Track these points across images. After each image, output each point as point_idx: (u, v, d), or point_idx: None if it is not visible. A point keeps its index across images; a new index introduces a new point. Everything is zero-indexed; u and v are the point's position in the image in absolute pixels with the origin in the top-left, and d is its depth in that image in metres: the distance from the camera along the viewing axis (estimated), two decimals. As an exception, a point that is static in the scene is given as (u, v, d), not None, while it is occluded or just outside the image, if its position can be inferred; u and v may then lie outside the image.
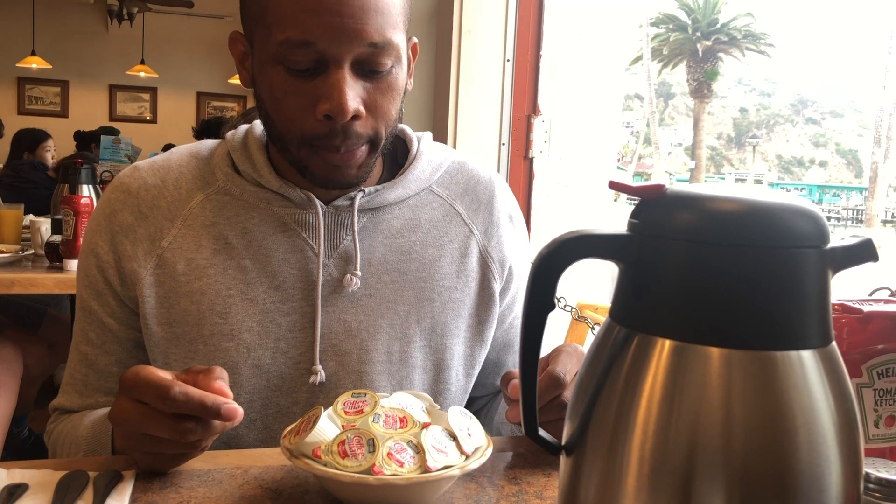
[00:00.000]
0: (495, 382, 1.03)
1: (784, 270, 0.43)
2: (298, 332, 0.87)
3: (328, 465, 0.63)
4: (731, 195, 0.45)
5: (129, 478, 0.69)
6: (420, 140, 0.97)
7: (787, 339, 0.43)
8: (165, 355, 0.87)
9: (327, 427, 0.66)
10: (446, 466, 0.64)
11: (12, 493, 0.65)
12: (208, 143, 0.96)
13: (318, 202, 0.88)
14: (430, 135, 0.99)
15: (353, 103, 0.79)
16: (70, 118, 8.22)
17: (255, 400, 0.87)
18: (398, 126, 0.90)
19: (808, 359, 0.43)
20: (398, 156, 0.98)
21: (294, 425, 0.70)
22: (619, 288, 0.48)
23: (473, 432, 0.69)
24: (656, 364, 0.44)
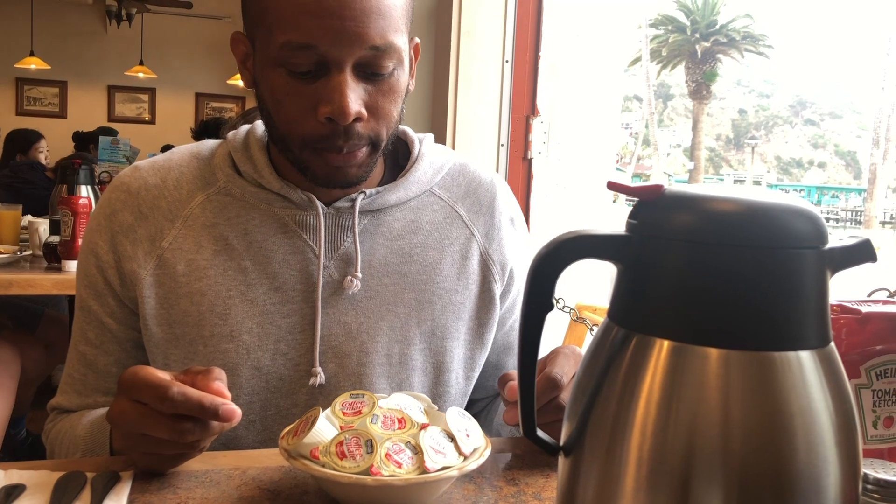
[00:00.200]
0: (495, 385, 1.03)
1: (782, 271, 0.43)
2: (298, 333, 0.87)
3: (326, 465, 0.63)
4: (729, 196, 0.45)
5: (127, 478, 0.69)
6: (422, 142, 0.97)
7: (786, 339, 0.43)
8: (165, 356, 0.87)
9: (325, 428, 0.66)
10: (444, 467, 0.64)
11: (9, 493, 0.65)
12: (209, 143, 0.96)
13: (319, 203, 0.88)
14: (431, 136, 0.99)
15: (355, 106, 0.79)
16: (69, 119, 8.20)
17: (255, 401, 0.87)
18: (399, 127, 0.90)
19: (807, 359, 0.43)
20: (399, 157, 0.97)
21: (292, 426, 0.69)
22: (617, 288, 0.48)
23: (472, 433, 0.69)
24: (654, 364, 0.44)
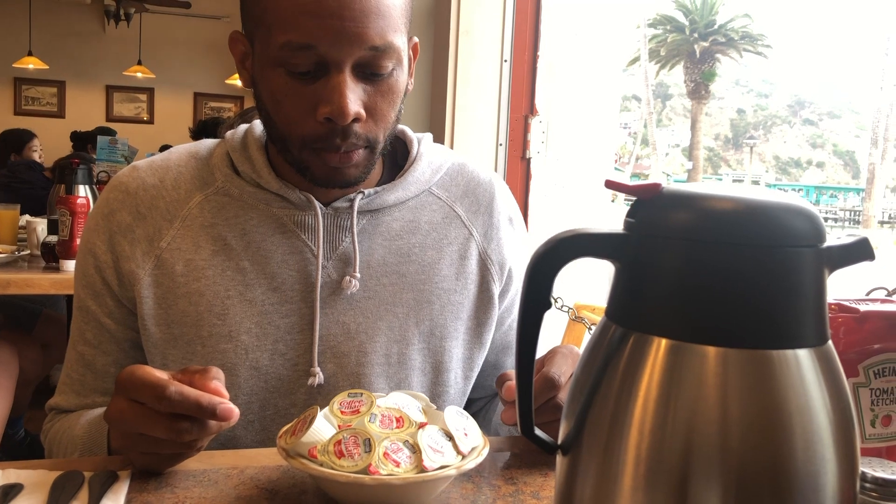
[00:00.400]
0: (493, 384, 1.03)
1: (780, 269, 0.43)
2: (297, 333, 0.87)
3: (324, 465, 0.63)
4: (727, 194, 0.45)
5: (125, 478, 0.69)
6: (420, 142, 0.97)
7: (784, 337, 0.43)
8: (163, 356, 0.87)
9: (323, 427, 0.66)
10: (443, 466, 0.64)
11: (7, 493, 0.65)
12: (207, 142, 0.96)
13: (317, 204, 0.88)
14: (430, 136, 0.99)
15: (354, 106, 0.79)
16: (67, 119, 8.19)
17: (253, 401, 0.87)
18: (398, 127, 0.90)
19: (805, 357, 0.43)
20: (398, 157, 0.97)
21: (290, 425, 0.69)
22: (615, 287, 0.48)
23: (470, 432, 0.69)
24: (652, 363, 0.44)
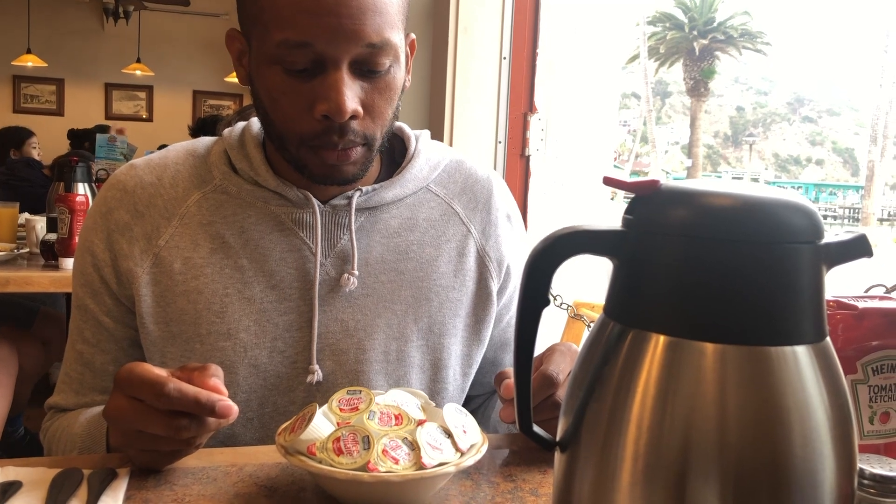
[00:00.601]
0: (492, 381, 1.03)
1: (778, 266, 0.43)
2: (295, 331, 0.87)
3: (323, 462, 0.63)
4: (725, 191, 0.45)
5: (124, 475, 0.69)
6: (418, 138, 0.97)
7: (782, 334, 0.43)
8: (162, 354, 0.87)
9: (322, 424, 0.66)
10: (441, 463, 0.64)
11: (6, 490, 0.65)
12: (205, 140, 0.96)
13: (315, 201, 0.88)
14: (427, 133, 0.99)
15: (352, 104, 0.79)
16: (66, 117, 8.18)
17: (252, 399, 0.87)
18: (395, 124, 0.90)
19: (803, 354, 0.43)
20: (396, 154, 0.97)
21: (289, 423, 0.69)
22: (613, 284, 0.48)
23: (469, 429, 0.69)
24: (650, 360, 0.44)
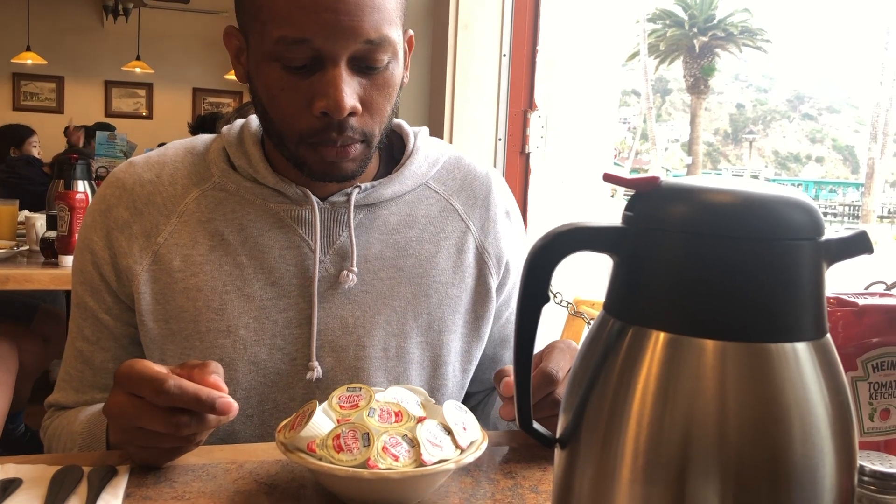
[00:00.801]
0: (492, 378, 1.03)
1: (779, 262, 0.43)
2: (295, 328, 0.87)
3: (323, 459, 0.63)
4: (725, 187, 0.45)
5: (124, 472, 0.69)
6: (417, 135, 0.97)
7: (782, 331, 0.43)
8: (161, 351, 0.87)
9: (322, 421, 0.66)
10: (441, 460, 0.64)
11: (6, 487, 0.65)
12: (204, 137, 0.96)
13: (314, 198, 0.88)
14: (426, 130, 0.99)
15: (350, 100, 0.79)
16: (65, 114, 8.17)
17: (252, 396, 0.87)
18: (394, 121, 0.90)
19: (803, 351, 0.43)
20: (394, 151, 0.97)
21: (289, 420, 0.69)
22: (613, 281, 0.48)
23: (469, 426, 0.69)
24: (651, 356, 0.44)
